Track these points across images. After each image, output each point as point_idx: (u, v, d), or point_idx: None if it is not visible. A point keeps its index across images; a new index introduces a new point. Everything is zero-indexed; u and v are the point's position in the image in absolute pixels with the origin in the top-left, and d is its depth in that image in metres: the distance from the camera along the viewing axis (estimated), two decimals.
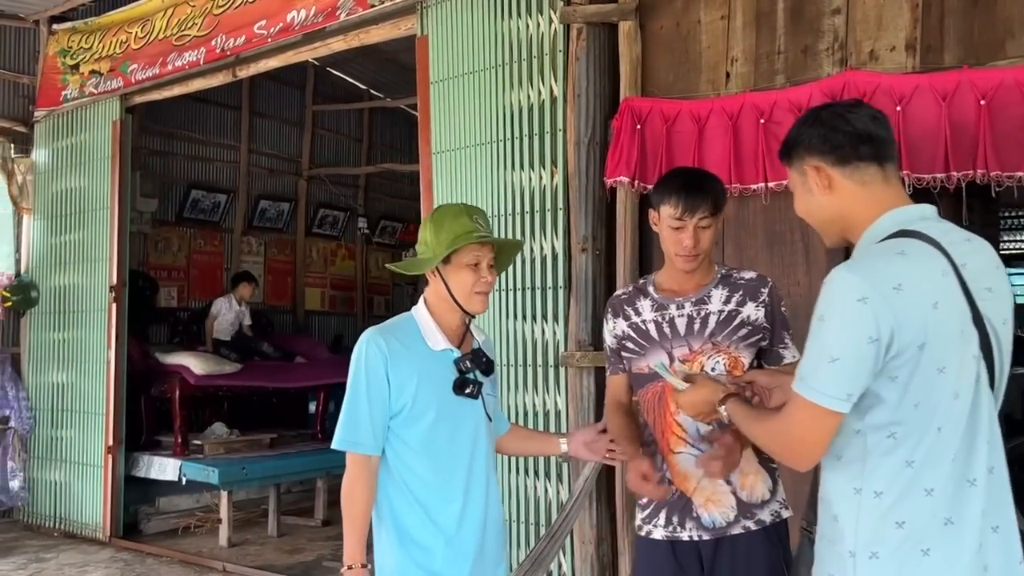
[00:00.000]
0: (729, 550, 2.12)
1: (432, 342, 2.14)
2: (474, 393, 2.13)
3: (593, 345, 3.64)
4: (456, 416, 2.12)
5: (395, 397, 2.06)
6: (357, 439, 2.06)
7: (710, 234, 2.15)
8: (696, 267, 2.17)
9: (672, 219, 2.14)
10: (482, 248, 2.13)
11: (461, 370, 2.13)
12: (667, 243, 2.18)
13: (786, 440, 1.55)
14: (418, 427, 2.08)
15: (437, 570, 2.09)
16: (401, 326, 2.17)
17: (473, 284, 2.11)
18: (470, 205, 2.20)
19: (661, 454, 2.22)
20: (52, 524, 6.29)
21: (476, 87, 4.12)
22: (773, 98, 3.31)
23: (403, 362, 2.07)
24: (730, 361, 2.14)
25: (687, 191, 2.14)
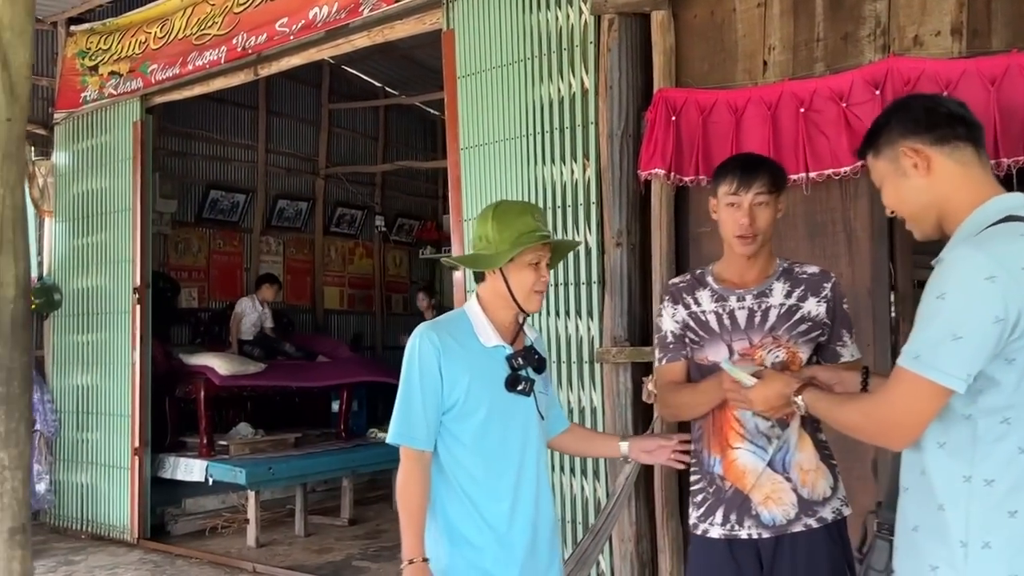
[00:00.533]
0: (790, 548, 2.07)
1: (484, 338, 2.12)
2: (526, 390, 2.11)
3: (629, 340, 3.60)
4: (508, 413, 2.10)
5: (447, 392, 2.05)
6: (411, 433, 2.05)
7: (768, 214, 2.10)
8: (754, 250, 2.11)
9: (728, 196, 2.11)
10: (543, 248, 2.11)
11: (513, 367, 2.12)
12: (724, 225, 2.14)
13: (885, 419, 1.53)
14: (470, 423, 2.07)
15: (488, 568, 2.07)
16: (454, 322, 2.16)
17: (533, 283, 2.10)
18: (530, 203, 2.19)
19: (714, 452, 2.17)
20: (79, 526, 6.29)
21: (504, 81, 4.07)
22: (813, 86, 3.25)
23: (456, 357, 2.06)
24: (788, 356, 2.09)
25: (743, 167, 2.12)
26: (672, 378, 2.29)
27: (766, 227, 2.10)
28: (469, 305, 2.19)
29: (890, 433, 1.55)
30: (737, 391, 1.99)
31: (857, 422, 1.65)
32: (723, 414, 2.14)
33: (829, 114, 3.21)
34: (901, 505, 1.64)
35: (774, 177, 2.12)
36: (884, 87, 3.06)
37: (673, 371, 2.29)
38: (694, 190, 3.55)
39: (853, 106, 3.14)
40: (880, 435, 1.59)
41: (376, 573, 5.08)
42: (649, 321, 3.60)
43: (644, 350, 3.53)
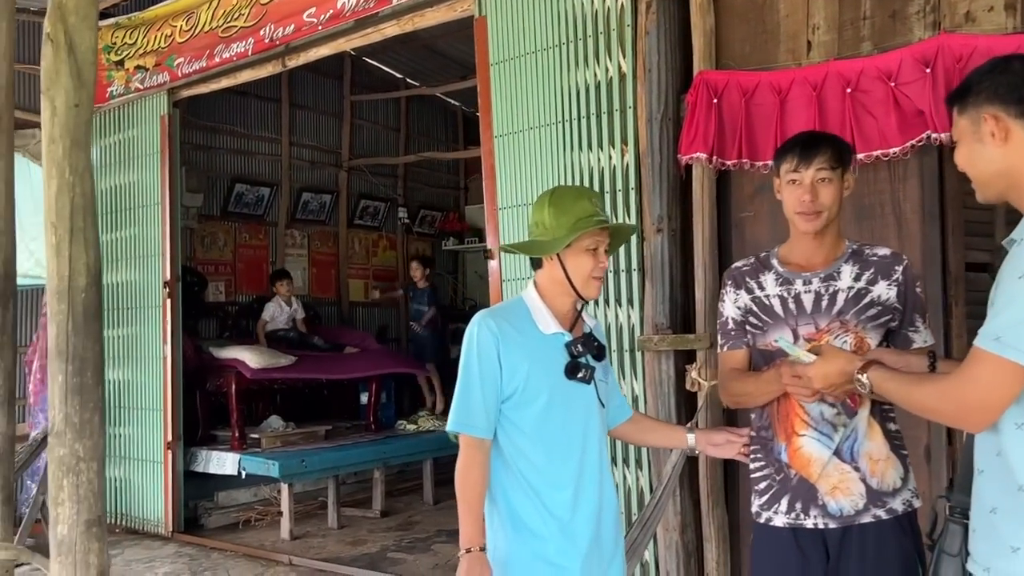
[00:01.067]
0: (858, 539, 2.03)
1: (543, 325, 2.09)
2: (586, 378, 2.09)
3: (671, 328, 3.55)
4: (568, 401, 2.08)
5: (507, 380, 2.03)
6: (471, 421, 2.04)
7: (832, 191, 2.04)
8: (818, 227, 2.06)
9: (789, 173, 2.06)
10: (601, 233, 2.09)
11: (573, 354, 2.09)
12: (787, 204, 2.10)
13: (964, 401, 1.50)
14: (530, 411, 2.05)
15: (551, 558, 2.04)
16: (511, 309, 2.14)
17: (591, 269, 2.08)
18: (587, 188, 2.16)
19: (779, 439, 2.12)
20: (115, 520, 6.32)
21: (539, 67, 4.02)
22: (860, 66, 3.18)
23: (515, 345, 2.03)
24: (856, 341, 2.04)
25: (804, 143, 2.07)
26: (733, 365, 2.24)
27: (831, 204, 2.05)
28: (527, 292, 2.16)
29: (969, 415, 1.53)
30: (796, 383, 1.95)
31: (932, 403, 1.62)
32: (788, 400, 2.09)
33: (877, 94, 3.14)
34: (977, 487, 1.60)
35: (838, 152, 2.06)
36: (935, 65, 2.99)
37: (734, 358, 2.24)
38: (736, 174, 3.49)
39: (902, 85, 3.07)
40: (958, 417, 1.57)
41: (412, 564, 5.07)
42: (691, 308, 3.55)
43: (687, 337, 3.48)
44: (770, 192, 3.45)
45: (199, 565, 5.23)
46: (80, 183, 2.08)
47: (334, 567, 5.03)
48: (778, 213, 3.39)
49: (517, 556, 2.04)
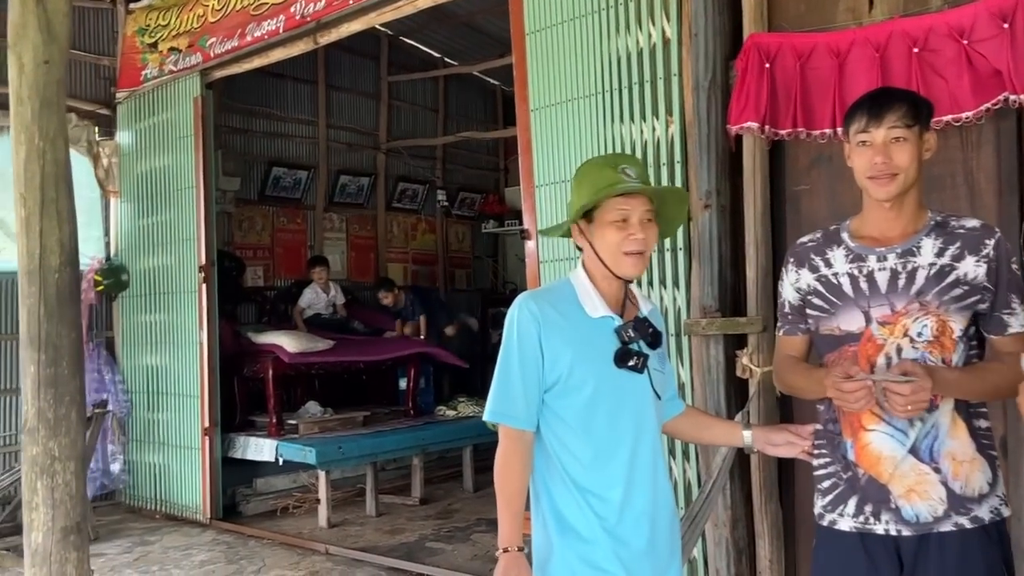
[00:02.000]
0: (937, 550, 1.80)
1: (590, 308, 1.90)
2: (638, 366, 1.88)
3: (720, 311, 3.32)
4: (618, 391, 1.88)
5: (549, 367, 1.85)
6: (510, 411, 1.86)
7: (908, 151, 1.80)
8: (894, 192, 1.82)
9: (859, 133, 1.83)
10: (629, 201, 1.86)
11: (623, 340, 1.88)
12: (858, 169, 1.86)
13: None
14: (574, 401, 1.86)
15: (599, 563, 1.85)
16: (556, 291, 1.95)
17: (619, 243, 1.86)
18: (619, 154, 1.95)
19: (846, 434, 1.90)
20: (153, 506, 6.31)
21: (577, 35, 3.80)
22: (928, 23, 2.91)
23: (557, 329, 1.85)
24: (938, 325, 1.80)
25: (873, 100, 1.84)
26: (789, 352, 2.03)
27: (907, 166, 1.81)
28: (575, 273, 1.97)
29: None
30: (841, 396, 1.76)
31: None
32: None
33: (948, 53, 2.87)
34: None
35: (913, 108, 1.82)
36: (1014, 19, 2.72)
37: (790, 345, 2.03)
38: (790, 144, 3.25)
39: (976, 43, 2.80)
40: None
41: (450, 555, 4.94)
42: (741, 289, 3.33)
43: (737, 320, 3.26)
44: (828, 164, 3.24)
45: (236, 553, 5.16)
46: (52, 149, 1.90)
47: (371, 557, 4.91)
48: (837, 186, 3.18)
49: (561, 559, 1.87)
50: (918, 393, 1.68)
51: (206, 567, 4.89)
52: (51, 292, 1.89)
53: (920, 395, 1.68)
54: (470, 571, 4.55)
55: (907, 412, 1.72)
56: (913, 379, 1.68)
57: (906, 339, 1.80)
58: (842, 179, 3.09)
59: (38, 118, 1.88)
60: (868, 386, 1.73)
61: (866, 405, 1.76)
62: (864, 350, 1.84)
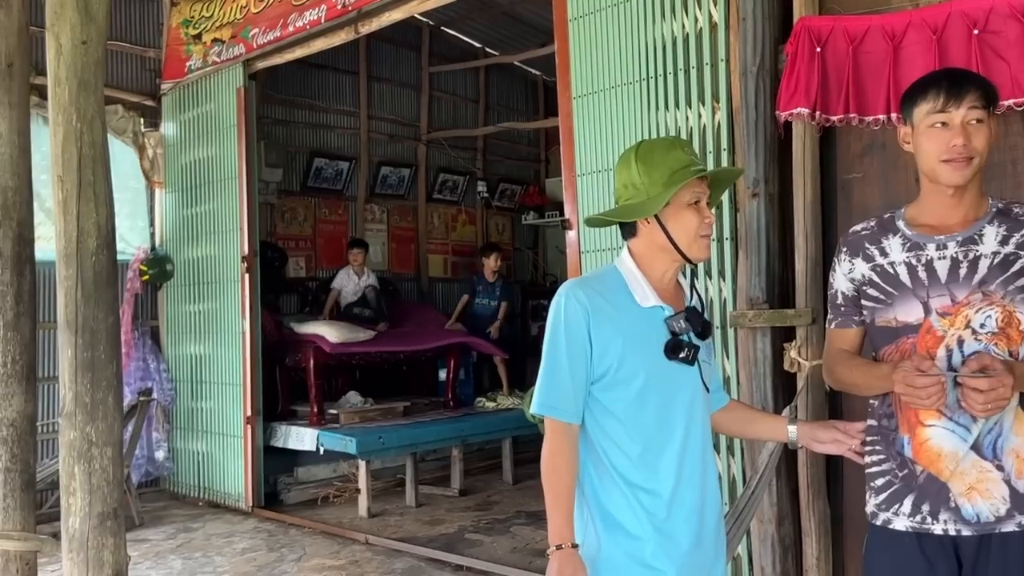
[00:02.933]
0: (1000, 551, 1.71)
1: (640, 298, 1.84)
2: (689, 358, 1.82)
3: (767, 303, 3.24)
4: (668, 384, 1.82)
5: (598, 359, 1.79)
6: (558, 404, 1.80)
7: (985, 134, 1.72)
8: (969, 176, 1.73)
9: (933, 114, 1.73)
10: (700, 184, 1.82)
11: (674, 331, 1.82)
12: (927, 153, 1.76)
13: None
14: (623, 394, 1.80)
15: (647, 560, 1.80)
16: (604, 278, 1.89)
17: (697, 226, 1.81)
18: (675, 137, 1.89)
19: (903, 430, 1.82)
20: (196, 494, 6.39)
21: (621, 20, 3.73)
22: (989, 3, 2.79)
23: (607, 319, 1.79)
24: (1004, 316, 1.71)
25: (950, 80, 1.74)
26: (841, 345, 1.95)
27: (983, 149, 1.73)
28: (622, 260, 1.91)
29: None
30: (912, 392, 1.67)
31: None
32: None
33: (1010, 34, 2.75)
34: None
35: (988, 89, 1.74)
36: None
37: (843, 338, 1.95)
38: (842, 131, 3.14)
39: None
40: None
41: (490, 547, 4.91)
42: (790, 280, 3.24)
43: (785, 313, 3.17)
44: (880, 151, 3.13)
45: (276, 542, 5.19)
46: (89, 131, 1.88)
47: (410, 547, 4.91)
48: (891, 174, 3.07)
49: (609, 556, 1.81)
50: (998, 389, 1.59)
51: (247, 554, 4.93)
52: (88, 275, 1.88)
53: (1000, 391, 1.59)
54: (509, 563, 4.52)
55: (986, 410, 1.63)
56: (991, 374, 1.59)
57: (968, 330, 1.72)
58: (896, 167, 2.99)
59: (76, 99, 1.87)
60: (942, 381, 1.65)
61: (938, 402, 1.67)
62: (923, 342, 1.76)
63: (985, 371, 1.61)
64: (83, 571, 1.86)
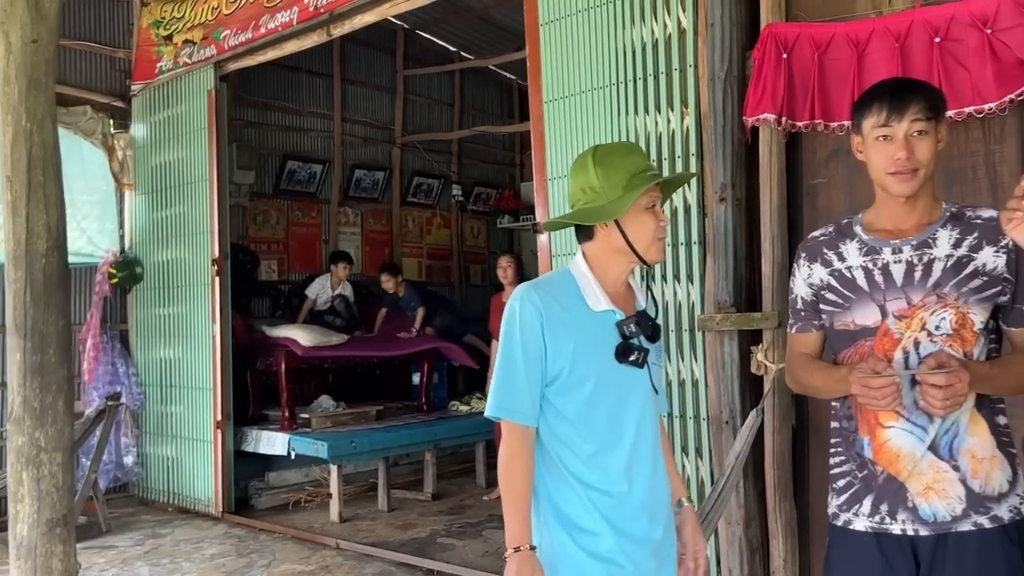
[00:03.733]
0: (956, 550, 1.74)
1: (593, 302, 1.86)
2: (639, 361, 1.85)
3: (735, 306, 3.27)
4: (619, 387, 1.84)
5: (551, 361, 1.81)
6: (515, 407, 1.81)
7: (928, 145, 1.75)
8: (915, 187, 1.76)
9: (877, 128, 1.76)
10: (655, 188, 1.85)
11: (625, 335, 1.84)
12: (875, 165, 1.80)
13: None
14: (575, 397, 1.82)
15: (605, 555, 1.82)
16: (558, 282, 1.90)
17: (655, 229, 1.84)
18: (630, 142, 1.91)
19: (862, 432, 1.84)
20: (166, 499, 6.32)
21: (592, 25, 3.76)
22: (950, 12, 2.84)
23: (560, 323, 1.80)
24: (958, 318, 1.74)
25: (893, 92, 1.76)
26: (802, 350, 1.97)
27: (927, 160, 1.75)
28: (575, 264, 1.92)
29: None
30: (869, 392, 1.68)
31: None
32: None
33: (970, 43, 2.80)
34: None
35: (932, 100, 1.76)
36: None
37: (803, 342, 1.97)
38: (807, 137, 3.19)
39: (1000, 32, 2.73)
40: None
41: (462, 551, 4.90)
42: (757, 284, 3.27)
43: (752, 316, 3.20)
44: (845, 157, 3.17)
45: (247, 547, 5.15)
46: (40, 131, 1.85)
47: (381, 552, 4.89)
48: (855, 179, 3.11)
49: (567, 556, 1.82)
50: (955, 385, 1.61)
51: (216, 560, 4.88)
52: (38, 278, 1.84)
53: (958, 387, 1.62)
54: (481, 567, 4.51)
55: (945, 407, 1.65)
56: (948, 370, 1.61)
57: (923, 332, 1.75)
58: (860, 172, 3.00)
59: (25, 98, 1.83)
60: (896, 382, 1.68)
61: (893, 403, 1.69)
62: (881, 344, 1.79)
63: (942, 368, 1.63)
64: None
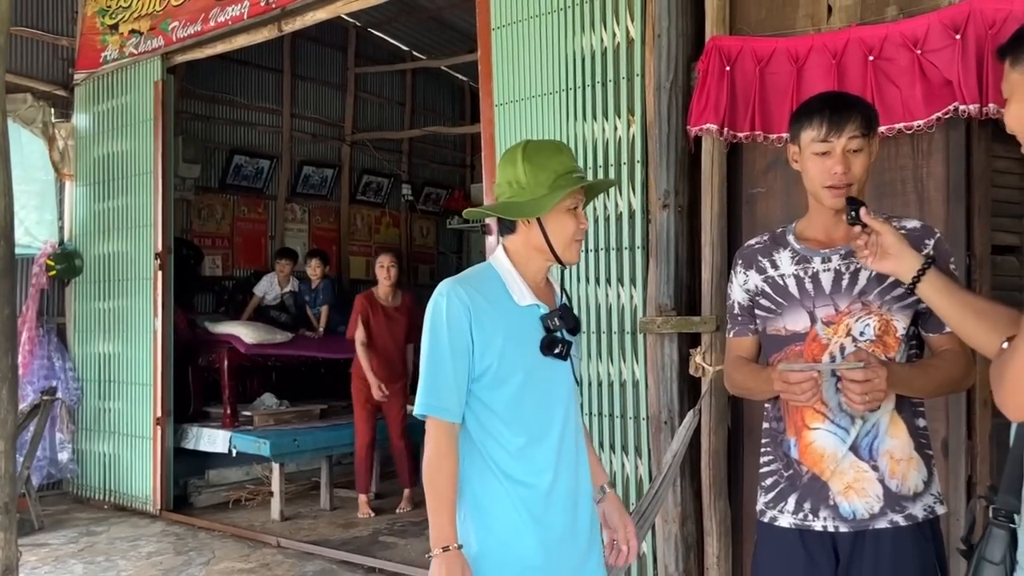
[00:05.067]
0: (872, 546, 1.83)
1: (518, 296, 1.90)
2: (563, 354, 1.90)
3: (675, 309, 3.36)
4: (545, 379, 1.89)
5: (479, 356, 1.83)
6: (442, 404, 1.82)
7: (862, 161, 1.83)
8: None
9: (816, 143, 1.83)
10: (580, 191, 1.89)
11: (548, 328, 1.89)
12: (811, 177, 1.87)
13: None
14: (504, 391, 1.85)
15: (523, 552, 1.85)
16: (482, 277, 1.92)
17: (574, 231, 1.88)
18: (559, 141, 1.96)
19: (789, 432, 1.93)
20: (102, 496, 6.20)
21: (542, 32, 3.81)
22: (884, 32, 2.96)
23: (487, 318, 1.83)
24: (881, 325, 1.83)
25: (832, 107, 1.83)
26: (739, 353, 2.05)
27: (861, 175, 1.83)
28: (497, 259, 1.95)
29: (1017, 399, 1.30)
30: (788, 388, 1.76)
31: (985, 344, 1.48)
32: None
33: (901, 62, 2.93)
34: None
35: (867, 117, 1.84)
36: (965, 31, 2.77)
37: (740, 346, 2.05)
38: (748, 147, 3.29)
39: (929, 53, 2.86)
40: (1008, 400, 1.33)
41: (403, 549, 4.92)
42: (697, 288, 3.36)
43: (691, 320, 3.29)
44: (783, 168, 3.28)
45: (185, 544, 5.09)
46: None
47: (322, 550, 4.88)
48: (792, 189, 3.22)
49: (488, 552, 1.85)
50: (873, 381, 1.68)
51: (153, 558, 4.81)
52: None
53: (876, 383, 1.68)
54: (423, 565, 4.49)
55: (864, 403, 1.71)
56: (867, 365, 1.68)
57: (849, 338, 1.83)
58: (797, 183, 3.08)
59: None
60: (814, 377, 1.74)
61: (812, 398, 1.76)
62: (809, 350, 1.87)
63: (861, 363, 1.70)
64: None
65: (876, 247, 1.71)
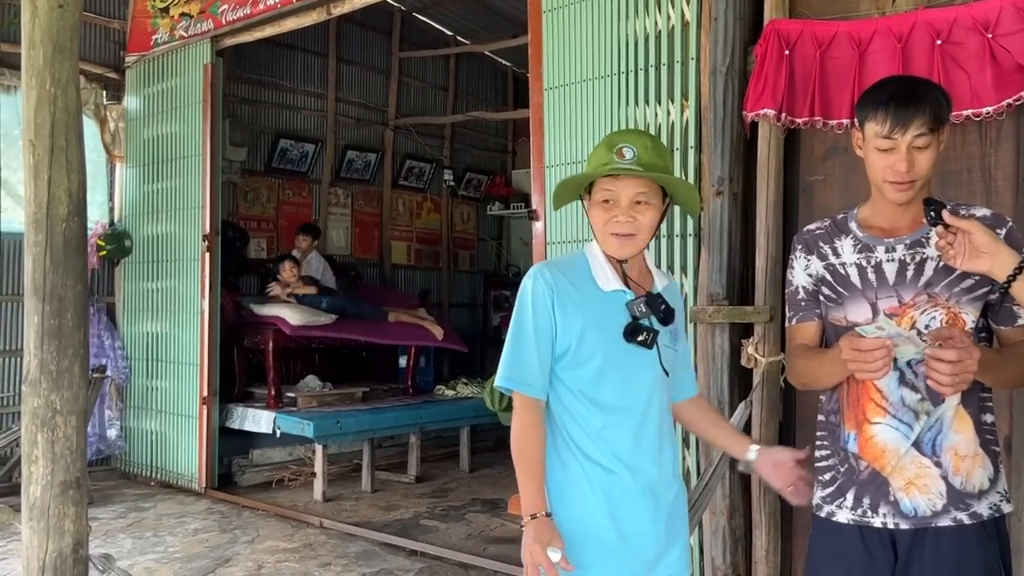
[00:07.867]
0: (934, 545, 1.77)
1: (603, 282, 1.91)
2: (647, 342, 1.87)
3: (727, 299, 3.30)
4: (627, 366, 1.88)
5: (560, 337, 1.86)
6: (527, 379, 1.86)
7: (929, 156, 1.75)
8: (911, 197, 1.78)
9: (879, 138, 1.75)
10: (616, 182, 1.85)
11: (634, 315, 1.88)
12: (874, 169, 1.80)
13: None
14: (582, 372, 1.87)
15: (598, 532, 1.86)
16: (570, 262, 1.96)
17: (604, 224, 1.87)
18: (627, 131, 1.95)
19: (848, 426, 1.87)
20: (149, 473, 6.31)
21: (595, 14, 3.76)
22: (953, 15, 2.87)
23: (570, 300, 1.86)
24: (949, 317, 1.76)
25: (898, 101, 1.73)
26: (803, 340, 1.98)
27: (926, 171, 1.76)
28: (589, 246, 1.98)
29: None
30: (858, 356, 1.63)
31: None
32: (861, 383, 1.82)
33: (971, 46, 2.83)
34: None
35: (937, 111, 1.74)
36: None
37: (804, 332, 1.98)
38: (806, 133, 3.21)
39: (1000, 37, 2.77)
40: None
41: (444, 533, 4.93)
42: (750, 278, 3.30)
43: (744, 309, 3.23)
44: (843, 155, 3.20)
45: (229, 523, 5.16)
46: (63, 96, 1.86)
47: (364, 532, 4.91)
48: (852, 177, 3.14)
49: (564, 530, 1.83)
50: (965, 362, 1.57)
51: (199, 535, 4.89)
52: (58, 242, 1.85)
53: (968, 364, 1.58)
54: (463, 549, 4.54)
55: (953, 384, 1.60)
56: (959, 344, 1.57)
57: (914, 331, 1.76)
58: (856, 171, 3.05)
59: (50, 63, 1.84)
60: (887, 344, 1.62)
61: (884, 370, 1.64)
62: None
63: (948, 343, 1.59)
64: (43, 540, 1.84)
65: (964, 246, 1.63)
